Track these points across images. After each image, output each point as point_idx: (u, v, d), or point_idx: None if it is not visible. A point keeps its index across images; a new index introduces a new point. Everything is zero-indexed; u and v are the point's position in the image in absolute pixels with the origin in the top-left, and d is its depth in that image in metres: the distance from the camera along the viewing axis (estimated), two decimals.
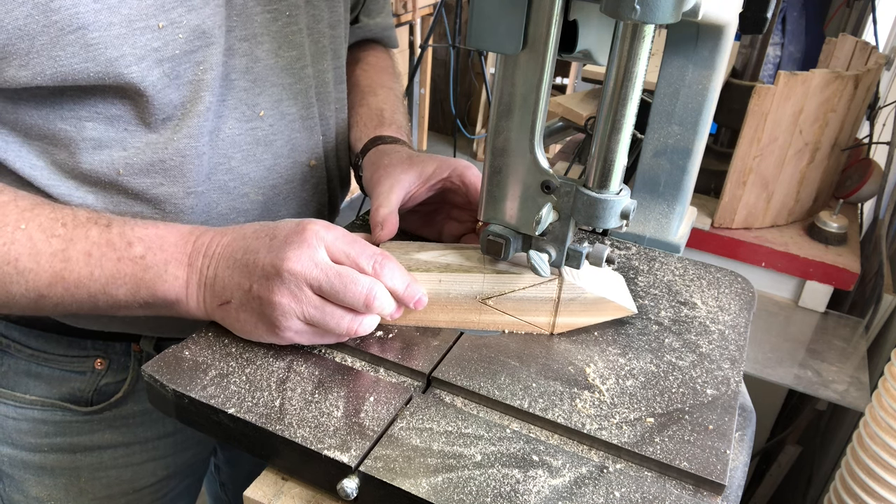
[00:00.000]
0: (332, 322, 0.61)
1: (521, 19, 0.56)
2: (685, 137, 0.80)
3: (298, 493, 0.58)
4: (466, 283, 0.67)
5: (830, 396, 1.28)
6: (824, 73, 1.32)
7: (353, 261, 0.61)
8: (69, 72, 0.60)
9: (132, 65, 0.62)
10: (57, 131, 0.65)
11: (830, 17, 2.37)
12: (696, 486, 0.55)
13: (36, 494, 0.86)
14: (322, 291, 0.60)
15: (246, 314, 0.62)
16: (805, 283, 1.47)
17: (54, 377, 0.82)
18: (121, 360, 0.83)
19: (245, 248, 0.62)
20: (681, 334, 0.72)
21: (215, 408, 0.58)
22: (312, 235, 0.60)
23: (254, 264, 0.60)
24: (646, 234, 0.87)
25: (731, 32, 0.74)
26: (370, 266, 0.62)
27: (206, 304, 0.64)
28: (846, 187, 1.57)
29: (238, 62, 0.72)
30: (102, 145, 0.67)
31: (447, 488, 0.52)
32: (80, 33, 0.59)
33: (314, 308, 0.60)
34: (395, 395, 0.61)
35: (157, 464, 0.90)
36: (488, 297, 0.68)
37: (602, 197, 0.59)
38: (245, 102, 0.74)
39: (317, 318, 0.61)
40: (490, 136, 0.63)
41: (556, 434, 0.60)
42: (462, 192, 0.76)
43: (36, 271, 0.61)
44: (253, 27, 0.72)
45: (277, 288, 0.59)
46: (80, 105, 0.65)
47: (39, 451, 0.84)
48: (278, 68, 0.75)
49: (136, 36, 0.61)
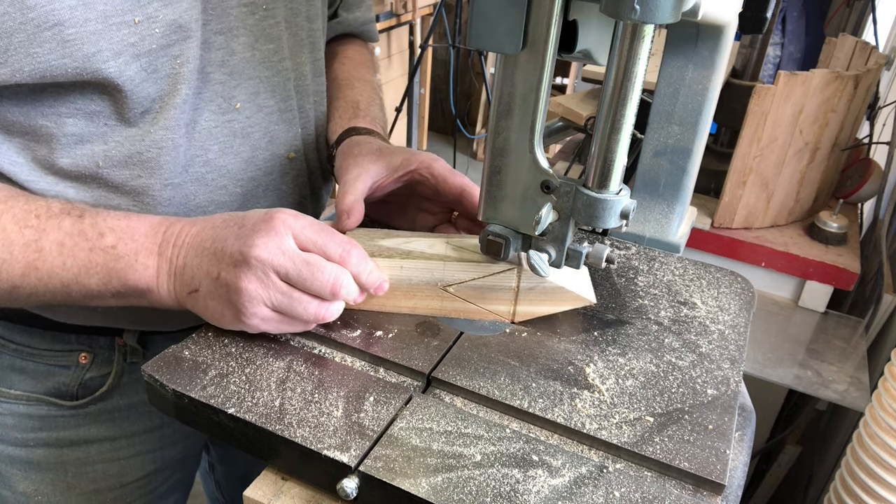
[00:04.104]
0: (299, 308, 0.62)
1: (520, 19, 0.56)
2: (685, 137, 0.80)
3: (298, 493, 0.58)
4: (427, 271, 0.69)
5: (830, 396, 1.28)
6: (824, 73, 1.32)
7: (320, 248, 0.63)
8: (47, 68, 0.61)
9: (109, 60, 0.63)
10: (38, 128, 0.67)
11: (830, 17, 2.37)
12: (696, 485, 0.55)
13: (23, 490, 0.87)
14: (289, 279, 0.61)
15: (214, 302, 0.63)
16: (805, 283, 1.47)
17: (39, 372, 0.82)
18: (105, 353, 0.83)
19: (214, 236, 0.63)
20: (681, 334, 0.72)
21: (215, 408, 0.58)
22: (280, 224, 0.61)
23: (222, 252, 0.62)
24: (646, 234, 0.87)
25: (731, 32, 0.74)
26: (337, 254, 0.63)
27: (176, 293, 0.65)
28: (846, 187, 1.57)
29: (214, 55, 0.73)
30: (83, 140, 0.68)
31: (447, 488, 0.52)
32: (57, 30, 0.60)
33: (281, 294, 0.61)
34: (395, 395, 0.61)
35: (145, 458, 0.90)
36: (449, 284, 0.69)
37: (602, 197, 0.59)
38: (221, 95, 0.75)
39: (284, 304, 0.62)
40: (490, 136, 0.63)
41: (556, 434, 0.60)
42: (430, 183, 0.77)
43: (9, 262, 0.62)
44: (229, 21, 0.73)
45: (245, 274, 0.60)
46: (60, 101, 0.66)
47: (25, 446, 0.84)
48: (255, 61, 0.76)
49: (112, 31, 0.63)
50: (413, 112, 3.91)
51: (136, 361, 0.84)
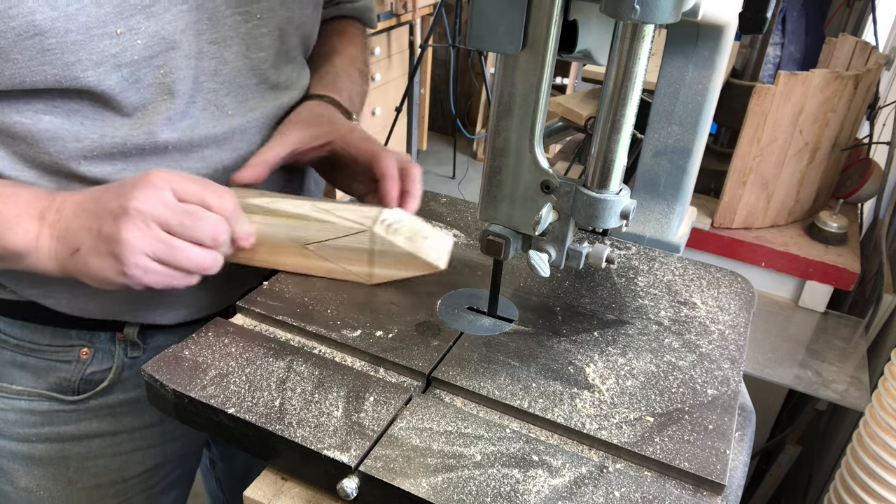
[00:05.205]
0: (181, 256, 0.64)
1: (520, 19, 0.56)
2: (685, 137, 0.80)
3: (298, 493, 0.58)
4: (290, 228, 0.73)
5: (830, 396, 1.28)
6: (824, 73, 1.32)
7: (198, 197, 0.65)
8: (27, 73, 0.62)
9: (89, 69, 0.64)
10: (13, 124, 0.67)
11: (830, 17, 2.37)
12: (696, 485, 0.55)
13: (25, 485, 0.87)
14: (171, 229, 0.63)
15: (95, 257, 0.64)
16: (805, 283, 1.47)
17: (40, 367, 0.82)
18: (106, 348, 0.83)
19: (95, 199, 0.65)
20: (681, 334, 0.72)
21: (215, 408, 0.58)
22: (158, 178, 0.64)
23: (103, 209, 0.63)
24: (646, 234, 0.87)
25: (731, 32, 0.74)
26: (216, 202, 0.65)
27: (57, 257, 0.66)
28: (846, 187, 1.57)
29: (207, 65, 0.73)
30: (56, 137, 0.69)
31: (447, 488, 0.52)
32: (37, 39, 0.61)
33: (162, 243, 0.63)
34: (395, 395, 0.61)
35: (146, 453, 0.91)
36: (309, 242, 0.72)
37: (602, 197, 0.59)
38: (214, 103, 0.76)
39: (166, 253, 0.63)
40: (490, 136, 0.63)
41: (556, 434, 0.60)
42: (348, 154, 0.80)
43: None
44: (223, 30, 0.74)
45: (124, 225, 0.62)
46: (37, 99, 0.67)
47: (27, 441, 0.85)
48: (245, 69, 0.77)
49: (93, 42, 0.63)
50: (413, 112, 3.91)
51: (137, 356, 0.85)
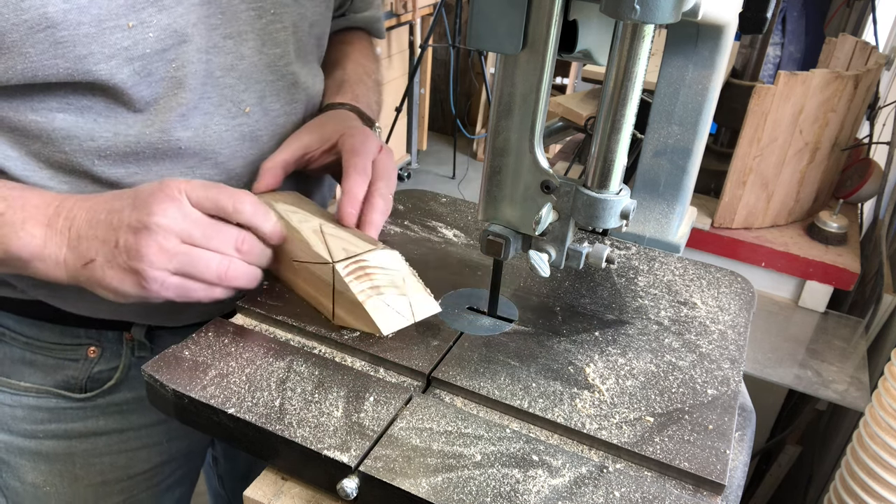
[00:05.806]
0: (200, 265, 0.63)
1: (520, 19, 0.56)
2: (685, 137, 0.80)
3: (298, 493, 0.58)
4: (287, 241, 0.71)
5: (830, 396, 1.29)
6: (824, 73, 1.32)
7: (213, 202, 0.65)
8: (39, 67, 0.62)
9: (101, 62, 0.64)
10: (28, 123, 0.67)
11: (830, 17, 2.37)
12: (696, 485, 0.55)
13: (32, 481, 0.87)
14: (193, 240, 0.63)
15: (112, 270, 0.63)
16: (805, 283, 1.47)
17: (48, 365, 0.83)
18: (113, 347, 0.84)
19: (108, 209, 0.64)
20: (681, 334, 0.72)
21: (215, 408, 0.58)
22: (174, 189, 0.63)
23: (119, 221, 0.63)
24: (646, 234, 0.87)
25: (731, 32, 0.74)
26: (230, 204, 0.65)
27: (67, 265, 0.65)
28: (846, 187, 1.57)
29: (222, 59, 0.73)
30: (71, 135, 0.68)
31: (447, 488, 0.52)
32: (50, 32, 0.61)
33: (183, 254, 0.62)
34: (395, 395, 0.61)
35: (152, 451, 0.91)
36: (295, 259, 0.71)
37: (602, 197, 0.59)
38: (230, 99, 0.75)
39: (185, 263, 0.63)
40: (490, 136, 0.63)
41: (556, 434, 0.60)
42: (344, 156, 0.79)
43: None
44: (238, 24, 0.73)
45: (145, 240, 0.61)
46: (51, 96, 0.66)
47: (35, 438, 0.85)
48: (262, 65, 0.77)
49: (105, 35, 0.63)
50: (413, 112, 3.91)
51: (144, 356, 0.85)
